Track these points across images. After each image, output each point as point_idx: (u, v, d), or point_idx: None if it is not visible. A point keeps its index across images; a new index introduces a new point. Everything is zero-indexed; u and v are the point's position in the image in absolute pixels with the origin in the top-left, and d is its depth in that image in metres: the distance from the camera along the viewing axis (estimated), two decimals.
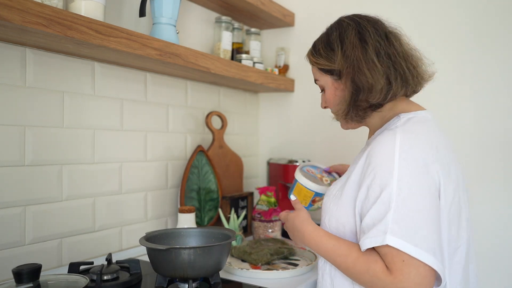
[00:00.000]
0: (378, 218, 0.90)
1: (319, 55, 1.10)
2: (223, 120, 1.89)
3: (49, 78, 1.27)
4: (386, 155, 0.93)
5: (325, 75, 1.11)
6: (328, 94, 1.12)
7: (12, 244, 1.19)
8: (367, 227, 0.91)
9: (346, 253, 0.96)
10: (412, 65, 1.04)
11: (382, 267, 0.89)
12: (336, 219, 1.03)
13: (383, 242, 0.87)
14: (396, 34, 1.06)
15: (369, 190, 0.94)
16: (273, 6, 1.95)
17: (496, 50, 1.67)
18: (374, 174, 0.93)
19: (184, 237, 1.25)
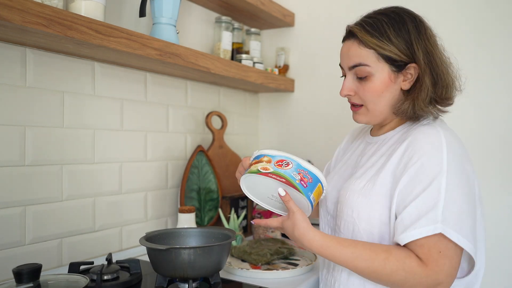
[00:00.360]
0: (426, 208, 0.90)
1: (387, 40, 1.00)
2: (223, 120, 1.89)
3: (49, 78, 1.27)
4: (434, 146, 0.94)
5: (383, 63, 1.01)
6: (379, 85, 1.02)
7: (12, 244, 1.19)
8: (411, 218, 0.90)
9: (371, 256, 0.92)
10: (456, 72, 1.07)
11: (417, 260, 0.89)
12: (368, 214, 0.99)
13: (435, 231, 0.87)
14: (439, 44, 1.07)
15: (413, 180, 0.93)
16: (273, 6, 1.95)
17: (496, 49, 1.67)
18: (421, 164, 0.93)
19: (184, 237, 1.25)
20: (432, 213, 0.89)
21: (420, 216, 0.90)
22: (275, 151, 1.01)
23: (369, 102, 1.05)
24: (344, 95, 1.08)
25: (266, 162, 0.99)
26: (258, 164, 0.99)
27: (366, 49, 1.02)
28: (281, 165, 0.98)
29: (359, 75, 1.04)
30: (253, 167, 1.00)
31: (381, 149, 1.07)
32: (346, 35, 1.08)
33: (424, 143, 0.96)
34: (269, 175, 0.96)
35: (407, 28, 1.02)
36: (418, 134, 0.98)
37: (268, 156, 1.00)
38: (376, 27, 1.01)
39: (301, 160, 0.99)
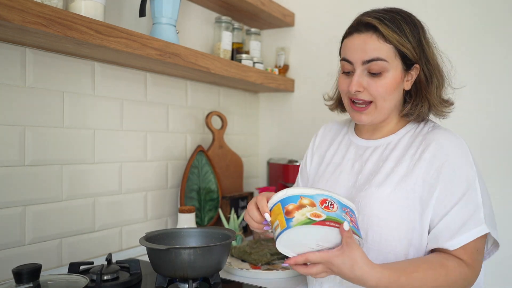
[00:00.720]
0: (469, 212, 0.95)
1: (406, 38, 1.00)
2: (223, 120, 1.89)
3: (49, 78, 1.27)
4: (462, 150, 1.00)
5: (398, 60, 1.01)
6: (392, 81, 1.01)
7: (12, 244, 1.19)
8: (457, 223, 0.94)
9: (435, 276, 0.91)
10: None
11: (464, 264, 0.95)
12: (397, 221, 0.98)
13: (483, 232, 0.94)
14: None
15: (450, 185, 0.96)
16: (273, 6, 1.95)
17: (497, 49, 1.67)
18: (456, 169, 0.97)
19: (184, 237, 1.25)
20: (476, 215, 0.94)
21: (465, 220, 0.94)
22: (309, 189, 0.87)
23: (380, 99, 1.02)
24: (354, 90, 1.02)
25: (310, 207, 0.84)
26: (303, 210, 0.83)
27: (385, 44, 0.99)
28: (328, 207, 0.85)
29: (374, 70, 1.00)
30: (299, 215, 0.82)
31: (393, 154, 1.06)
32: (360, 27, 1.02)
33: (453, 147, 0.99)
34: (326, 224, 0.82)
35: (418, 29, 1.03)
36: (444, 140, 1.01)
37: (307, 198, 0.85)
38: (394, 23, 1.00)
39: (338, 196, 0.88)
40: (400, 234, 0.98)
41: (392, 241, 0.99)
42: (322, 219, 0.82)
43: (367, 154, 1.11)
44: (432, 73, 1.04)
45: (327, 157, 1.20)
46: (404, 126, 1.10)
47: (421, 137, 1.04)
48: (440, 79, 1.06)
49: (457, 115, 1.72)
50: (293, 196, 0.86)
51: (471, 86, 1.70)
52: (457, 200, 0.95)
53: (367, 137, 1.14)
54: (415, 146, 1.03)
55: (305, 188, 0.87)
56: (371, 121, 1.06)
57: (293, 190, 0.87)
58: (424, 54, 1.03)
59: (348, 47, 1.04)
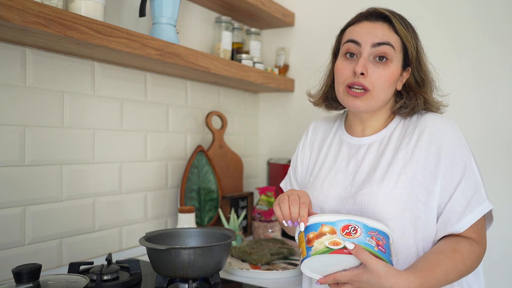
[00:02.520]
0: (471, 190, 0.98)
1: (411, 34, 1.06)
2: (223, 120, 1.89)
3: (49, 78, 1.27)
4: (456, 133, 1.02)
5: (401, 55, 1.05)
6: (392, 72, 1.03)
7: (12, 244, 1.19)
8: (462, 204, 0.97)
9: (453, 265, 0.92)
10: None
11: (475, 243, 0.97)
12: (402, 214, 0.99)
13: (487, 209, 0.97)
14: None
15: (450, 168, 0.99)
16: (273, 6, 1.95)
17: (498, 48, 1.67)
18: (453, 151, 1.00)
19: (184, 237, 1.25)
20: (477, 193, 0.98)
21: (469, 200, 0.97)
22: (331, 216, 0.86)
23: (378, 88, 1.02)
24: (360, 71, 1.01)
25: (330, 234, 0.84)
26: (322, 238, 0.84)
27: (395, 35, 1.03)
28: (349, 233, 0.84)
29: (381, 54, 1.01)
30: (318, 244, 0.83)
31: (388, 147, 1.07)
32: (368, 16, 1.05)
33: (446, 130, 1.02)
34: (345, 252, 0.82)
35: (416, 35, 1.08)
36: (436, 124, 1.03)
37: (328, 225, 0.85)
38: (403, 20, 1.06)
39: (365, 219, 0.86)
40: (406, 224, 0.99)
41: (399, 232, 0.99)
42: (341, 247, 0.83)
43: (361, 152, 1.10)
44: (424, 77, 1.08)
45: (321, 157, 1.19)
46: (393, 120, 1.12)
47: (413, 125, 1.06)
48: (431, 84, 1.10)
49: (456, 116, 1.71)
50: (315, 224, 0.87)
51: (470, 87, 1.70)
52: (458, 182, 0.98)
53: (358, 135, 1.14)
54: (408, 135, 1.05)
55: (327, 215, 0.87)
56: (366, 108, 1.05)
57: (314, 218, 0.88)
58: (418, 59, 1.07)
59: (356, 31, 1.05)
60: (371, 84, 1.02)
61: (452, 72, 1.72)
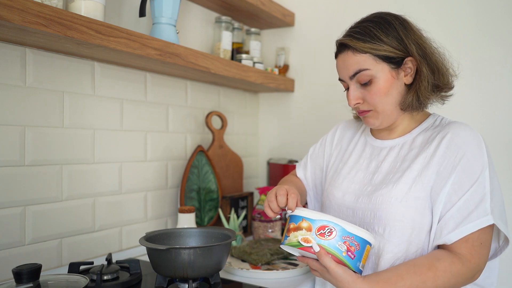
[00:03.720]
0: (475, 202, 0.95)
1: (379, 41, 1.04)
2: (223, 120, 1.89)
3: (49, 78, 1.27)
4: (477, 143, 1.00)
5: (382, 63, 1.04)
6: (383, 84, 1.04)
7: (12, 244, 1.19)
8: (462, 214, 0.95)
9: (421, 280, 0.92)
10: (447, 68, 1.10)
11: (460, 261, 0.94)
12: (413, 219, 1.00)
13: (488, 223, 0.93)
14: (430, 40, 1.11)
15: (461, 177, 0.97)
16: (273, 6, 1.95)
17: (498, 48, 1.66)
18: (467, 160, 0.98)
19: (184, 237, 1.25)
20: (481, 206, 0.94)
21: (470, 211, 0.94)
22: (315, 214, 0.91)
23: (378, 104, 1.06)
24: (353, 105, 1.08)
25: (306, 230, 0.90)
26: (298, 232, 0.90)
27: (361, 55, 1.04)
28: (323, 234, 0.89)
29: (362, 81, 1.05)
30: (292, 236, 0.91)
31: (410, 153, 1.07)
32: (337, 49, 1.11)
33: (467, 138, 1.00)
34: (311, 251, 0.89)
35: (394, 26, 1.06)
36: (458, 131, 1.02)
37: (307, 221, 0.91)
38: (365, 33, 1.05)
39: (345, 223, 0.90)
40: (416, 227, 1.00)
41: (408, 233, 1.00)
42: (309, 245, 0.89)
43: (383, 154, 1.13)
44: (420, 61, 1.04)
45: (345, 156, 1.23)
46: (419, 125, 1.12)
47: (436, 133, 1.06)
48: (433, 65, 1.06)
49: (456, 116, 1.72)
50: (297, 216, 0.93)
51: (470, 85, 1.70)
52: (464, 192, 0.96)
53: (382, 138, 1.16)
54: (430, 141, 1.05)
55: (311, 211, 0.92)
56: (379, 124, 1.10)
57: (299, 210, 0.94)
58: (406, 47, 1.04)
59: (337, 67, 1.12)
60: (370, 105, 1.08)
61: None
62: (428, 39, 1.09)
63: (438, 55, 1.08)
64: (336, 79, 2.02)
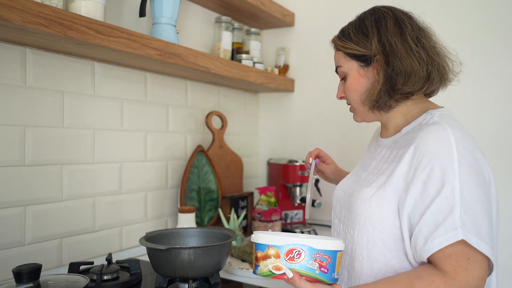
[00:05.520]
0: (443, 214, 0.86)
1: (348, 39, 1.06)
2: (223, 120, 1.89)
3: (49, 78, 1.27)
4: (443, 147, 0.90)
5: (351, 61, 1.06)
6: (351, 81, 1.07)
7: (12, 244, 1.19)
8: (429, 228, 0.86)
9: None
10: (445, 62, 1.03)
11: (443, 279, 0.85)
12: (381, 222, 0.96)
13: (456, 238, 0.83)
14: (428, 31, 1.06)
15: (426, 185, 0.89)
16: (273, 6, 1.95)
17: (497, 49, 1.67)
18: (432, 167, 0.89)
19: (184, 237, 1.25)
20: (450, 219, 0.85)
21: (438, 224, 0.86)
22: (279, 238, 0.88)
23: (351, 100, 1.10)
24: (338, 97, 1.15)
25: (274, 258, 0.88)
26: (267, 261, 0.88)
27: (338, 52, 1.10)
28: (293, 258, 0.87)
29: (340, 76, 1.12)
30: (263, 266, 0.88)
31: (391, 155, 1.04)
32: None
33: (432, 143, 0.91)
34: (285, 278, 0.87)
35: (365, 23, 1.05)
36: (424, 135, 0.94)
37: (274, 248, 0.88)
38: (343, 31, 1.10)
39: (310, 241, 0.88)
40: (387, 237, 0.96)
41: (379, 242, 0.96)
42: (282, 272, 0.87)
43: (377, 152, 1.12)
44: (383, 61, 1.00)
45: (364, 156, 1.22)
46: (410, 123, 1.06)
47: (412, 135, 0.99)
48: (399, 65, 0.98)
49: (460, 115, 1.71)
50: (262, 244, 0.89)
51: (473, 84, 1.70)
52: (429, 203, 0.88)
53: (382, 136, 1.14)
54: (404, 146, 1.00)
55: (275, 236, 0.89)
56: (361, 119, 1.13)
57: (263, 238, 0.89)
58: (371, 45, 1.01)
59: None
60: (348, 100, 1.13)
61: None
62: (409, 36, 1.01)
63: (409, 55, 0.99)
64: (336, 79, 2.02)
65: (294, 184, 1.89)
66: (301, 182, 1.88)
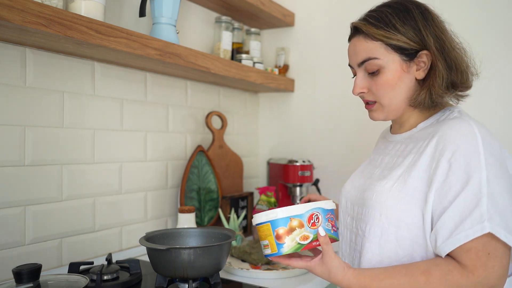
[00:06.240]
0: (470, 207, 0.84)
1: (393, 29, 0.97)
2: (223, 120, 1.89)
3: (49, 78, 1.27)
4: (468, 140, 0.89)
5: (393, 54, 0.98)
6: (391, 76, 0.99)
7: (12, 244, 1.19)
8: (455, 221, 0.85)
9: (411, 284, 0.86)
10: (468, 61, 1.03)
11: (460, 272, 0.84)
12: (398, 216, 0.94)
13: (483, 231, 0.82)
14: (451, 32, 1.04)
15: (450, 177, 0.88)
16: (273, 6, 1.95)
17: (497, 49, 1.66)
18: (456, 159, 0.88)
19: (184, 237, 1.25)
20: (476, 212, 0.83)
21: (463, 217, 0.84)
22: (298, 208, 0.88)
23: (383, 97, 1.01)
24: (357, 93, 1.04)
25: (299, 228, 0.87)
26: (293, 234, 0.87)
27: (373, 42, 0.99)
28: (314, 224, 0.88)
29: (370, 70, 1.00)
30: (289, 241, 0.87)
31: (407, 149, 1.02)
32: (351, 32, 1.05)
33: (456, 136, 0.90)
34: (313, 245, 0.88)
35: (413, 15, 0.99)
36: (448, 128, 0.93)
37: (296, 218, 0.88)
38: (380, 18, 0.99)
39: (320, 203, 0.90)
40: (403, 233, 0.94)
41: (393, 238, 0.95)
42: (310, 240, 0.88)
43: (389, 148, 1.10)
44: (436, 57, 0.97)
45: (372, 154, 1.19)
46: (427, 119, 1.04)
47: (435, 129, 0.97)
48: (451, 61, 0.98)
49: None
50: (283, 218, 0.88)
51: None
52: (455, 195, 0.87)
53: (394, 132, 1.12)
54: (424, 139, 0.98)
55: (293, 208, 0.89)
56: (384, 117, 1.05)
57: (282, 211, 0.89)
58: (424, 39, 0.98)
59: (348, 52, 1.07)
60: (375, 97, 1.03)
61: None
62: (449, 32, 1.01)
63: (458, 50, 1.00)
64: (336, 79, 2.03)
65: (294, 184, 1.89)
66: (301, 182, 1.88)
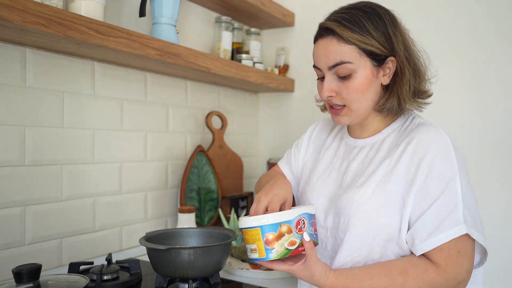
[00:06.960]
0: (447, 210, 0.91)
1: (368, 34, 0.96)
2: (223, 120, 1.89)
3: (49, 78, 1.27)
4: (443, 146, 0.95)
5: (365, 59, 0.97)
6: (361, 81, 0.98)
7: (12, 244, 1.19)
8: (434, 222, 0.91)
9: (389, 284, 0.90)
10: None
11: (435, 270, 0.90)
12: (379, 223, 0.96)
13: (460, 232, 0.89)
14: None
15: (428, 183, 0.93)
16: (273, 6, 1.95)
17: (496, 51, 1.66)
18: (434, 166, 0.93)
19: (184, 237, 1.25)
20: (454, 214, 0.90)
21: (442, 219, 0.90)
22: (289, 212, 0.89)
23: (353, 101, 1.00)
24: (325, 97, 1.01)
25: (288, 234, 0.88)
26: (282, 240, 0.88)
27: (347, 46, 0.96)
28: (301, 229, 0.90)
29: (341, 74, 0.98)
30: (278, 247, 0.88)
31: (377, 155, 1.03)
32: (320, 32, 1.02)
33: (433, 143, 0.96)
34: (299, 250, 0.90)
35: (384, 21, 0.99)
36: (424, 135, 0.97)
37: (285, 224, 0.88)
38: (354, 22, 0.97)
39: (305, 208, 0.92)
40: (380, 235, 0.96)
41: (371, 238, 0.97)
42: (297, 245, 0.90)
43: (353, 153, 1.09)
44: (403, 64, 0.99)
45: (321, 153, 1.18)
46: (390, 124, 1.06)
47: (404, 136, 1.01)
48: (415, 69, 1.01)
49: (455, 116, 1.70)
50: (273, 224, 0.88)
51: (473, 84, 1.70)
52: (434, 199, 0.92)
53: (355, 136, 1.12)
54: (397, 145, 1.00)
55: (283, 214, 0.90)
56: (350, 122, 1.04)
57: (273, 217, 0.89)
58: (394, 46, 0.98)
59: (314, 53, 1.04)
60: (344, 100, 1.01)
61: (448, 73, 1.72)
62: (412, 40, 1.04)
63: (419, 59, 1.03)
64: None
65: None
66: None
